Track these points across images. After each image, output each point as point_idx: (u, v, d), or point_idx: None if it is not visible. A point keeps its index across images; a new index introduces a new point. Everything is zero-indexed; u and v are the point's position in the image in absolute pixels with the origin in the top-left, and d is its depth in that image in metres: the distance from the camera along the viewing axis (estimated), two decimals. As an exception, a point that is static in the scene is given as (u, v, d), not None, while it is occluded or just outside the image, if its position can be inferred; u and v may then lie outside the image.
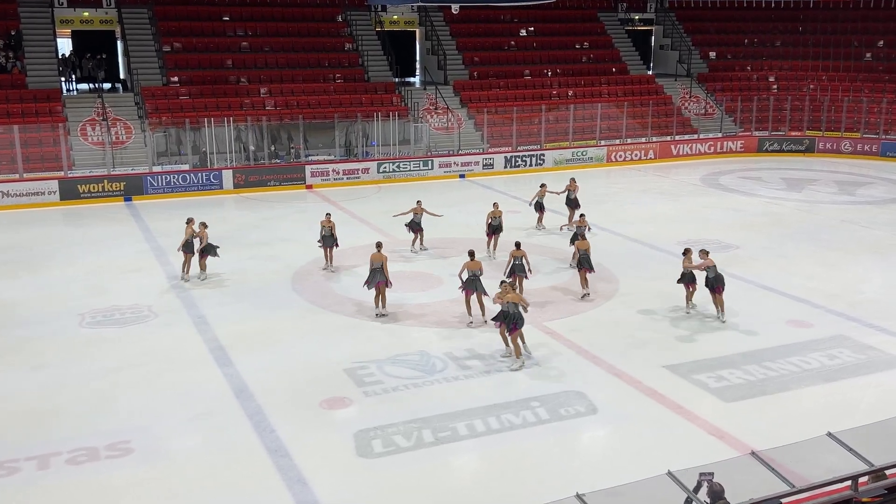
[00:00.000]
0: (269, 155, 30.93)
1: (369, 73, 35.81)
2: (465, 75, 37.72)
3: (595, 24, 42.07)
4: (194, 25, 34.68)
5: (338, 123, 31.94)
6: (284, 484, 10.24)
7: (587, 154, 34.74)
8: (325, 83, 34.69)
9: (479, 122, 34.89)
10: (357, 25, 37.08)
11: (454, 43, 38.63)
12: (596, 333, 15.34)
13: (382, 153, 32.37)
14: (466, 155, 33.08)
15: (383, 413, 12.12)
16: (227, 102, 32.15)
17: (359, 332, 15.47)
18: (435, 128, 34.49)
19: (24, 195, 26.43)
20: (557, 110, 36.08)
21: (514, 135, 34.27)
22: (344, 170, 30.80)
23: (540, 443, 11.34)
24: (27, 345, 14.76)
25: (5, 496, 9.99)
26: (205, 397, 12.64)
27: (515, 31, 40.21)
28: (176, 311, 16.57)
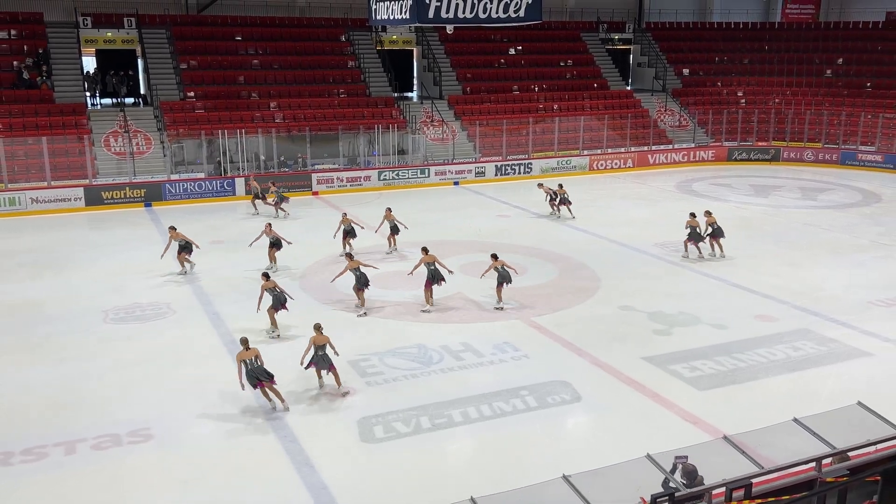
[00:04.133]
0: (279, 164, 30.85)
1: (370, 89, 35.75)
2: (459, 90, 37.69)
3: (578, 43, 42.08)
4: (209, 45, 34.59)
5: (341, 135, 31.89)
6: (293, 467, 10.20)
7: (571, 163, 34.75)
8: (329, 98, 34.63)
9: (471, 133, 34.88)
10: (359, 45, 37.04)
11: (448, 60, 38.61)
12: (580, 328, 15.31)
13: (383, 162, 32.33)
14: (460, 164, 33.04)
15: (384, 401, 12.09)
16: (239, 115, 32.07)
17: (361, 327, 15.42)
18: (431, 139, 34.45)
19: (52, 201, 26.32)
20: (544, 122, 36.08)
21: (503, 145, 34.26)
22: (347, 177, 30.75)
23: (529, 428, 11.32)
24: (52, 340, 14.68)
25: (36, 479, 9.94)
26: (219, 388, 12.57)
27: (505, 49, 40.21)
28: (192, 308, 16.50)
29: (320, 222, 24.42)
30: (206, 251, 19.33)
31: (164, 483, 9.90)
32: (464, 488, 9.72)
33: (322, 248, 21.25)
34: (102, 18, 33.19)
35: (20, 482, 9.84)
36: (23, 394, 12.32)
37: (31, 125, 29.05)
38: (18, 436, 10.95)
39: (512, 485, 8.23)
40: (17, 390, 12.45)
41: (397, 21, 18.55)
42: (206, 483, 9.90)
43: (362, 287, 16.04)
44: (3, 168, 26.76)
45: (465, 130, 35.36)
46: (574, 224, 24.39)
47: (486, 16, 18.12)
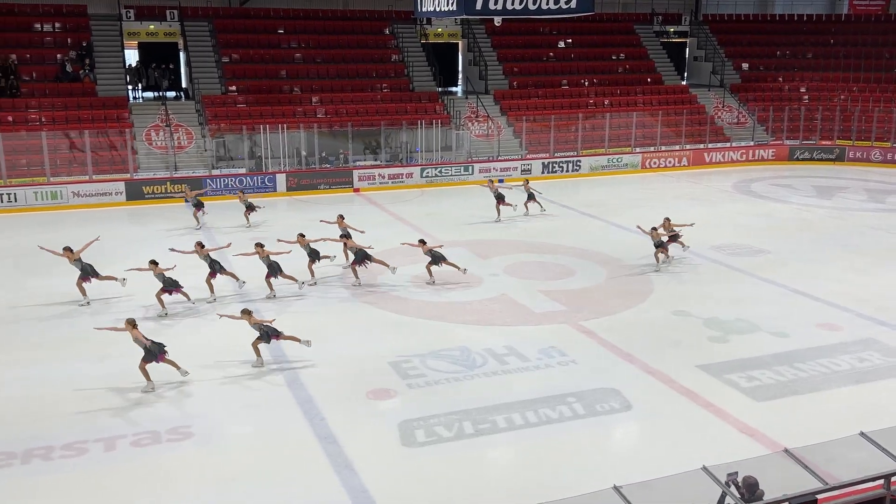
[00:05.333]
0: (320, 160, 31.17)
1: (414, 83, 35.90)
2: (505, 85, 37.62)
3: (631, 36, 41.64)
4: (251, 38, 35.11)
5: (384, 130, 32.08)
6: (333, 469, 10.29)
7: (622, 161, 34.42)
8: (372, 92, 34.87)
9: (517, 129, 34.78)
10: (403, 38, 37.21)
11: (495, 54, 38.56)
12: (630, 333, 15.16)
13: (425, 159, 32.43)
14: (505, 161, 32.97)
15: (426, 405, 12.12)
16: (280, 110, 32.48)
17: (403, 328, 15.49)
18: (475, 135, 34.46)
19: (94, 195, 26.99)
20: (594, 118, 35.80)
21: (551, 141, 34.08)
22: (389, 174, 30.92)
23: (576, 437, 11.24)
24: (93, 335, 15.01)
25: (76, 474, 10.20)
26: (259, 386, 12.78)
27: (554, 42, 40.01)
28: (231, 304, 16.75)
29: (361, 220, 24.55)
30: (245, 247, 19.55)
31: (202, 482, 10.07)
32: (507, 497, 9.73)
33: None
34: (145, 11, 33.89)
35: (60, 477, 10.11)
36: (65, 388, 12.65)
37: (74, 118, 29.82)
38: (60, 430, 11.24)
39: (559, 495, 8.18)
40: (59, 385, 12.78)
41: (444, 13, 18.58)
42: (244, 483, 10.03)
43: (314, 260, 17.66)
44: (46, 162, 27.52)
45: (511, 126, 35.28)
46: (624, 225, 24.14)
47: (535, 7, 18.05)
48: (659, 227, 19.59)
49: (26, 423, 11.52)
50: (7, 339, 14.72)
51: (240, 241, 19.91)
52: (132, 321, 12.88)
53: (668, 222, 19.79)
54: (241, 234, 22.17)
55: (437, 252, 18.11)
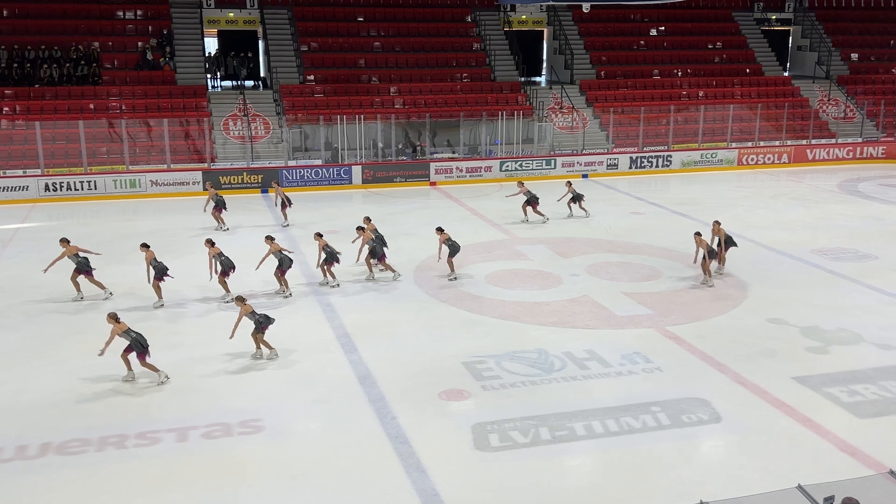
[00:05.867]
0: (397, 152, 31.49)
1: (496, 73, 35.86)
2: (592, 74, 37.19)
3: (729, 23, 40.58)
4: (330, 26, 35.73)
5: (463, 122, 32.15)
6: (403, 470, 10.39)
7: (717, 156, 33.59)
8: (452, 82, 35.01)
9: (604, 121, 34.34)
10: (485, 25, 37.21)
11: (582, 42, 38.17)
12: (721, 340, 14.78)
13: (505, 152, 32.37)
14: (590, 155, 32.61)
15: (501, 408, 12.10)
16: (358, 101, 32.96)
17: (477, 327, 15.51)
18: (559, 127, 34.19)
19: (171, 185, 27.97)
20: (687, 111, 35.05)
21: (640, 135, 33.52)
22: (467, 167, 30.98)
23: (660, 448, 11.03)
24: (166, 325, 15.58)
25: (149, 463, 10.60)
26: (330, 381, 13.00)
27: (645, 30, 39.33)
28: (306, 297, 17.11)
29: (437, 215, 24.71)
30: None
31: (272, 476, 10.31)
32: (586, 507, 9.63)
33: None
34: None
35: (134, 466, 10.52)
36: (140, 378, 13.14)
37: (153, 107, 30.97)
38: (133, 420, 11.70)
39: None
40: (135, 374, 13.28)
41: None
42: (314, 479, 10.23)
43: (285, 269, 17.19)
44: (126, 150, 28.66)
45: (597, 118, 34.87)
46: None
47: (627, -8, 17.75)
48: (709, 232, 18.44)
49: (101, 411, 12.03)
50: (84, 326, 15.39)
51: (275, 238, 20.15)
52: (114, 315, 13.13)
53: (718, 226, 18.61)
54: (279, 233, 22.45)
55: (455, 244, 18.27)
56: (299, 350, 14.28)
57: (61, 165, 28.18)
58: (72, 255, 16.77)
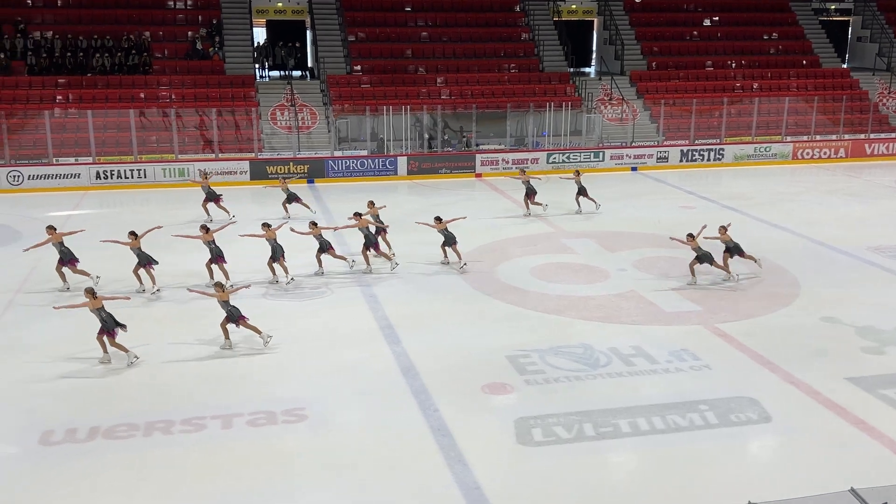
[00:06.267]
0: (442, 143, 31.51)
1: (544, 63, 35.64)
2: (643, 65, 36.74)
3: (786, 13, 39.72)
4: (378, 16, 35.85)
5: (510, 113, 32.03)
6: (445, 463, 10.43)
7: (771, 150, 32.96)
8: (499, 73, 34.88)
9: (654, 113, 33.92)
10: (534, 15, 36.99)
11: (633, 32, 37.71)
12: (772, 339, 14.52)
13: (553, 143, 32.17)
14: (640, 147, 32.26)
15: (544, 403, 12.07)
16: (404, 91, 33.04)
17: (522, 321, 15.47)
18: (608, 118, 33.87)
19: (219, 174, 28.36)
20: (740, 103, 34.43)
21: (692, 127, 33.05)
22: (513, 159, 30.87)
23: (707, 447, 10.90)
24: (211, 314, 15.80)
25: (194, 449, 10.81)
26: (374, 373, 13.09)
27: (699, 20, 38.72)
28: (349, 289, 17.25)
29: (482, 206, 24.70)
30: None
31: (315, 465, 10.44)
32: (630, 505, 9.57)
33: (483, 234, 21.51)
34: (274, -11, 35.29)
35: (178, 452, 10.74)
36: (184, 364, 13.41)
37: (202, 96, 31.44)
38: (178, 406, 11.94)
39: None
40: (178, 361, 13.56)
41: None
42: (356, 470, 10.32)
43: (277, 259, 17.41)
44: (175, 139, 29.17)
45: (647, 110, 34.45)
46: (771, 220, 23.15)
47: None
48: (698, 234, 17.40)
49: (148, 397, 12.29)
50: (131, 312, 15.72)
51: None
52: (91, 290, 13.54)
53: (724, 231, 17.43)
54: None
55: (451, 233, 18.41)
56: (343, 341, 14.41)
57: (112, 154, 28.79)
58: (56, 242, 16.75)
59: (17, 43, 31.82)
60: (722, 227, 17.50)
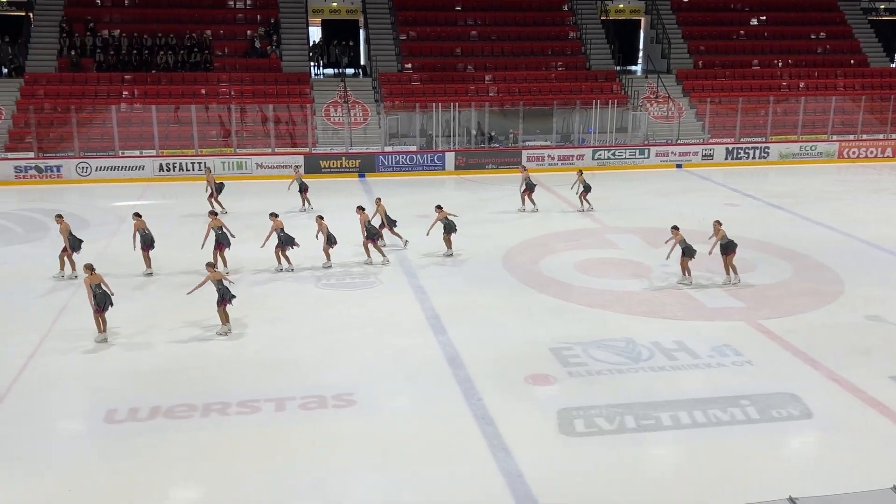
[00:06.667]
0: (489, 139, 31.44)
1: (591, 62, 35.32)
2: (690, 64, 36.18)
3: (834, 13, 38.73)
4: (429, 15, 35.88)
5: (556, 110, 31.82)
6: (489, 450, 10.43)
7: (816, 149, 32.21)
8: (546, 71, 34.68)
9: (700, 111, 33.40)
10: (582, 14, 36.67)
11: (680, 31, 37.15)
12: (815, 336, 14.21)
13: (598, 140, 31.88)
14: (685, 145, 31.80)
15: (587, 394, 12.00)
16: (453, 88, 33.04)
17: (565, 314, 15.39)
18: (654, 116, 33.44)
19: (275, 168, 28.76)
20: (787, 102, 33.72)
21: (737, 126, 32.45)
22: (559, 155, 30.68)
23: (748, 442, 10.72)
24: (267, 300, 16.07)
25: (249, 431, 10.99)
26: (420, 361, 13.15)
27: (746, 19, 37.97)
28: (398, 279, 17.34)
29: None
30: (413, 225, 20.14)
31: (363, 449, 10.53)
32: (668, 498, 9.47)
33: (528, 228, 21.45)
34: (333, -12, 35.54)
35: (235, 433, 10.93)
36: (241, 349, 13.64)
37: (260, 93, 31.85)
38: (235, 389, 12.14)
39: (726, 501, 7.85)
40: (236, 345, 13.79)
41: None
42: (402, 455, 10.39)
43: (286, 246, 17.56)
44: (234, 134, 29.60)
45: (693, 108, 33.93)
46: (815, 218, 22.64)
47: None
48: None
49: (206, 378, 12.53)
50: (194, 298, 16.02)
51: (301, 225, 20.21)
52: (89, 266, 13.93)
53: (719, 226, 16.74)
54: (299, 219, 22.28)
55: (451, 222, 18.54)
56: (391, 329, 14.50)
57: (174, 147, 29.34)
58: (64, 231, 17.05)
59: (87, 41, 32.59)
60: (717, 223, 16.85)
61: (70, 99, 30.33)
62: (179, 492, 9.82)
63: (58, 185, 27.57)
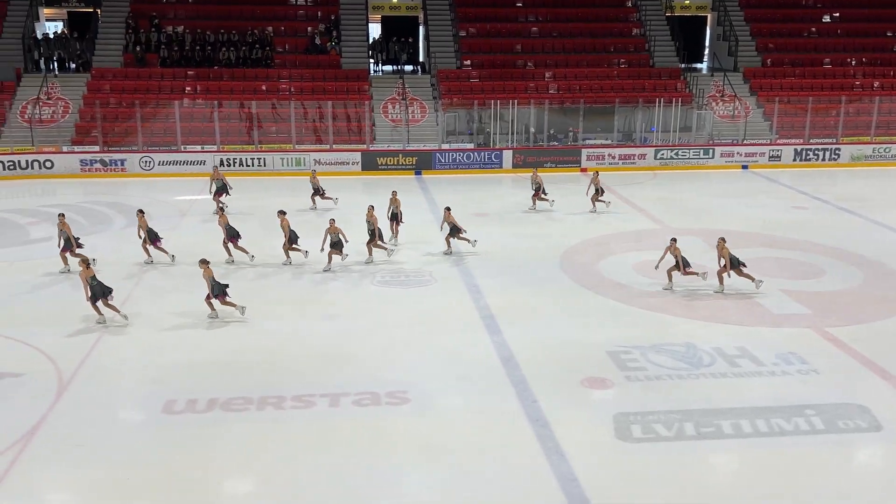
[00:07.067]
0: (548, 137, 31.23)
1: (655, 59, 34.81)
2: (758, 62, 35.36)
3: (913, 8, 37.41)
4: (489, 11, 35.81)
5: (618, 108, 31.45)
6: (543, 453, 10.36)
7: (891, 151, 31.18)
8: (608, 68, 34.30)
9: (768, 111, 32.62)
10: (646, 11, 36.16)
11: (748, 28, 36.34)
12: (886, 345, 13.74)
13: (661, 140, 31.40)
14: (752, 145, 31.10)
15: (644, 399, 11.83)
16: (512, 86, 32.92)
17: (623, 316, 15.20)
18: (719, 115, 32.81)
19: (332, 164, 29.09)
20: (859, 102, 32.71)
21: (807, 126, 31.60)
22: (620, 154, 30.32)
23: (812, 453, 10.44)
24: (324, 297, 16.25)
25: (303, 424, 11.14)
26: (474, 360, 13.14)
27: (818, 16, 36.95)
28: (453, 278, 17.35)
29: (586, 201, 24.33)
30: (467, 223, 20.12)
31: (416, 447, 10.56)
32: (729, 507, 9.27)
33: (586, 228, 21.25)
34: (391, -15, 35.76)
35: (290, 426, 11.09)
36: (296, 344, 13.82)
37: (319, 90, 32.23)
38: (290, 383, 12.30)
39: (789, 513, 7.64)
40: (291, 341, 13.98)
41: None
42: (454, 455, 10.38)
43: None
44: (293, 130, 30.02)
45: (760, 108, 33.17)
46: (888, 223, 21.91)
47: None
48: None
49: (264, 373, 12.73)
50: (252, 293, 16.32)
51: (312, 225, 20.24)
52: (85, 260, 14.83)
53: (723, 244, 16.09)
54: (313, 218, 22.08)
55: (457, 226, 18.70)
56: (445, 328, 14.52)
57: (235, 143, 29.90)
58: (63, 229, 17.42)
59: (152, 37, 33.43)
60: (721, 240, 16.26)
61: (135, 94, 31.17)
62: (234, 484, 10.00)
63: (121, 178, 28.35)
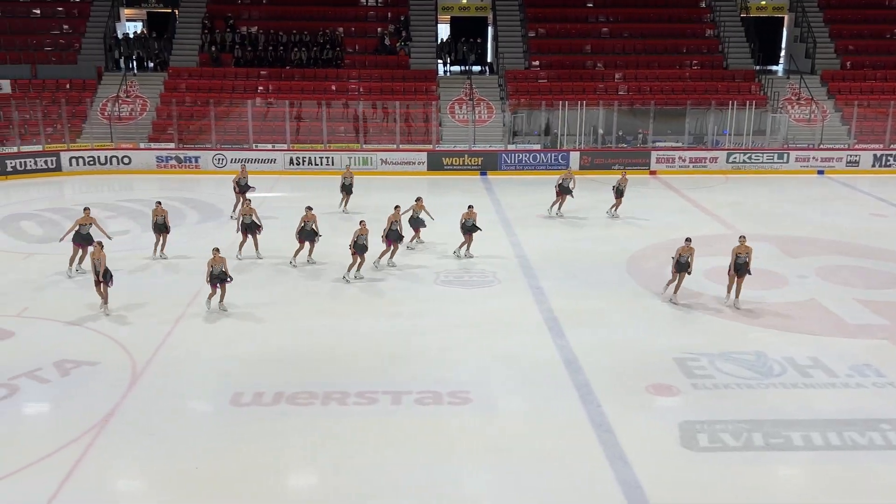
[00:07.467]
0: (617, 139, 30.89)
1: (728, 60, 34.10)
2: (836, 65, 34.29)
3: None
4: (559, 11, 35.62)
5: (689, 110, 30.89)
6: (606, 459, 10.28)
7: (978, 157, 29.84)
8: (680, 69, 33.75)
9: (846, 115, 31.60)
10: (721, 11, 35.46)
11: (826, 30, 35.28)
12: (970, 360, 13.20)
13: (734, 143, 30.73)
14: (828, 150, 30.18)
15: (712, 408, 11.62)
16: (581, 87, 32.67)
17: (691, 323, 14.95)
18: (795, 119, 31.94)
19: (399, 164, 29.34)
20: (947, 106, 31.38)
21: (888, 131, 30.49)
22: (690, 157, 29.79)
23: (886, 469, 10.09)
24: (387, 294, 16.42)
25: (367, 420, 11.28)
26: (537, 363, 13.10)
27: (901, 17, 35.63)
28: (516, 280, 17.32)
29: (655, 205, 24.05)
30: (532, 225, 20.01)
31: (477, 448, 10.59)
32: (798, 522, 9.04)
33: (656, 232, 20.95)
34: (460, -14, 35.88)
35: (354, 421, 11.25)
36: (361, 341, 14.00)
37: (388, 90, 32.54)
38: (354, 380, 12.48)
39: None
40: (357, 338, 14.17)
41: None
42: (515, 457, 10.37)
43: None
44: (361, 130, 30.39)
45: (838, 111, 32.17)
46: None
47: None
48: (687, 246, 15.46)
49: (328, 368, 12.94)
50: (315, 290, 16.60)
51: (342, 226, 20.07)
52: (100, 243, 15.24)
53: (744, 241, 15.54)
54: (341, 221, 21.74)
55: (475, 225, 18.46)
56: (509, 330, 14.51)
57: (304, 142, 30.42)
58: (82, 224, 17.02)
59: (227, 37, 34.28)
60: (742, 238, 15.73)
61: (209, 93, 31.99)
62: (297, 477, 10.20)
63: (195, 175, 29.14)
